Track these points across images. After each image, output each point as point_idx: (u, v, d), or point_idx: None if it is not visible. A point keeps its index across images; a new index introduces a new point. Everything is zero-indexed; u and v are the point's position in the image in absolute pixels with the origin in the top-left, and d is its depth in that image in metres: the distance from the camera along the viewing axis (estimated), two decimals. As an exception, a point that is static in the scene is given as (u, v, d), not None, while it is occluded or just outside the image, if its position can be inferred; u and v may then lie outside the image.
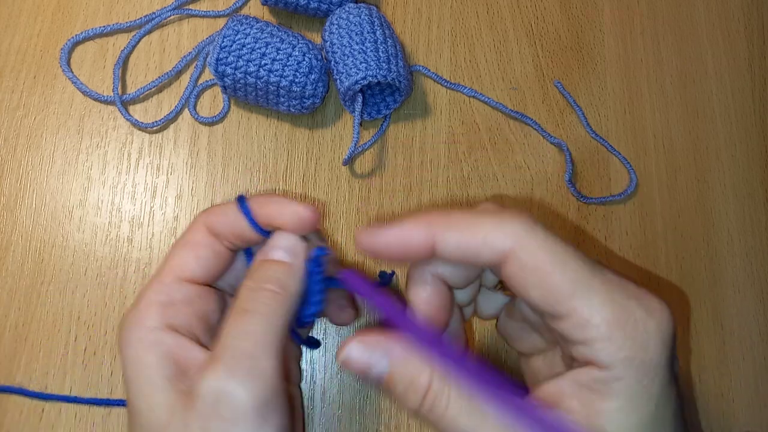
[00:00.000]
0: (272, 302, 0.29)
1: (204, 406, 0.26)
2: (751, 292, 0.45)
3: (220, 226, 0.31)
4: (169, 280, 0.30)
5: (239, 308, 0.29)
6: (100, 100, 0.46)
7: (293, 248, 0.31)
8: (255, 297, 0.29)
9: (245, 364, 0.26)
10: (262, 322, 0.28)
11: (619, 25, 0.51)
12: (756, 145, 0.48)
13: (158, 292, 0.30)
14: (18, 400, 0.40)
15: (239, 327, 0.28)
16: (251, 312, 0.28)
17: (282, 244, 0.31)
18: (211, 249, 0.31)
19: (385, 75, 0.42)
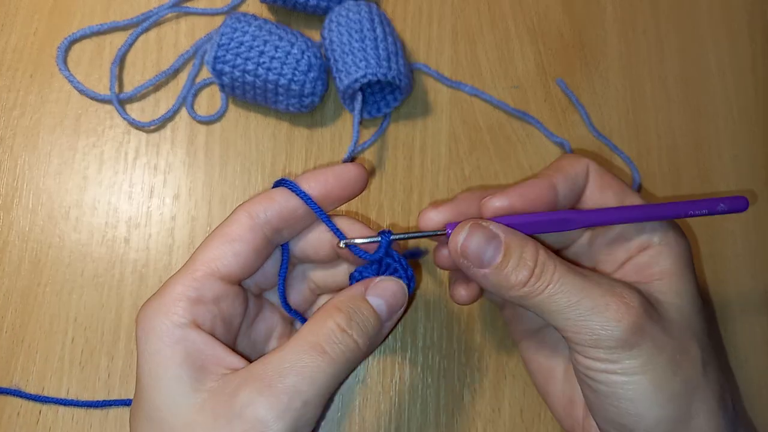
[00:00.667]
0: (351, 356, 0.28)
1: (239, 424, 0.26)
2: (754, 292, 0.45)
3: (269, 213, 0.30)
4: (200, 275, 0.29)
5: (315, 341, 0.27)
6: (97, 99, 0.45)
7: (394, 304, 0.31)
8: (340, 342, 0.28)
9: (296, 407, 0.26)
10: (332, 372, 0.27)
11: (621, 23, 0.50)
12: (759, 145, 0.48)
13: (188, 286, 0.28)
14: (15, 402, 0.39)
15: (307, 365, 0.27)
16: (328, 356, 0.27)
17: (390, 299, 0.30)
18: (252, 245, 0.30)
19: (385, 73, 0.41)
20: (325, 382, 0.27)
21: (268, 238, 0.31)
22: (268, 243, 0.31)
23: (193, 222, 0.44)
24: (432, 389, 0.41)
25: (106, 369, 0.40)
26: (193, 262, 0.29)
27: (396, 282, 0.31)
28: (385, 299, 0.30)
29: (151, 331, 0.28)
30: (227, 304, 0.30)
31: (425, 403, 0.41)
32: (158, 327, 0.28)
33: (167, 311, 0.28)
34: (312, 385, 0.27)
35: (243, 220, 0.30)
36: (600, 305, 0.29)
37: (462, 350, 0.42)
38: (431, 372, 0.41)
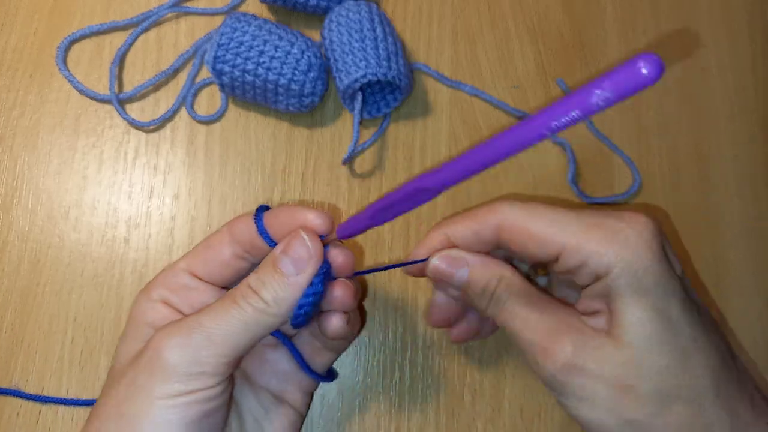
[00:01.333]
0: (263, 310, 0.30)
1: (142, 359, 0.29)
2: (754, 292, 0.45)
3: (240, 234, 0.33)
4: (177, 267, 0.34)
5: (231, 296, 0.31)
6: (97, 99, 0.45)
7: (301, 262, 0.31)
8: (249, 297, 0.30)
9: (198, 341, 0.29)
10: (242, 319, 0.30)
11: (621, 23, 0.50)
12: (760, 145, 0.48)
13: (167, 275, 0.34)
14: (15, 402, 0.39)
15: (217, 310, 0.30)
16: (237, 304, 0.30)
17: (294, 254, 0.31)
18: (219, 257, 0.34)
19: (385, 73, 0.41)
20: (234, 323, 0.29)
21: (238, 255, 0.34)
22: (238, 258, 0.34)
23: (193, 222, 0.44)
24: (432, 389, 0.41)
25: (105, 369, 0.40)
26: (181, 257, 0.35)
27: (299, 238, 0.31)
28: (290, 256, 0.31)
29: (133, 306, 0.34)
30: (197, 294, 0.33)
31: (425, 404, 0.41)
32: (139, 300, 0.34)
33: (148, 290, 0.34)
34: (218, 323, 0.29)
35: (224, 235, 0.34)
36: (532, 343, 0.30)
37: (462, 350, 0.42)
38: (431, 372, 0.41)
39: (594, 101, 0.20)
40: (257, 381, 0.35)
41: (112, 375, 0.32)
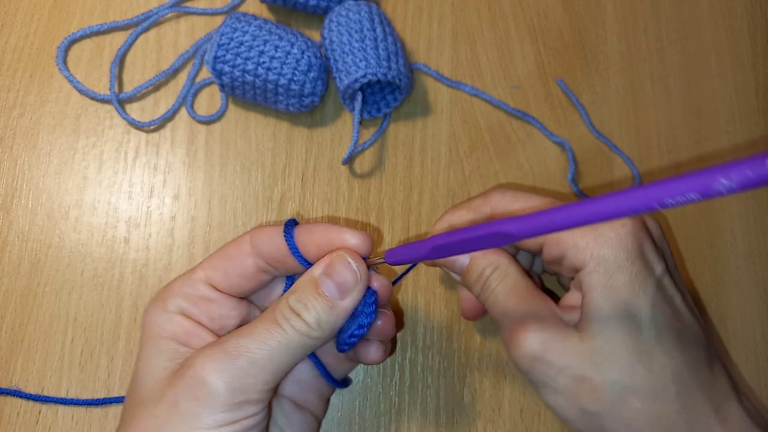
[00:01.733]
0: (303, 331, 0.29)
1: (183, 382, 0.28)
2: (754, 292, 0.45)
3: (265, 248, 0.32)
4: (195, 277, 0.32)
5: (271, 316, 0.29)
6: (97, 99, 0.45)
7: (347, 287, 0.30)
8: (290, 319, 0.29)
9: (241, 365, 0.28)
10: (284, 342, 0.29)
11: (622, 22, 0.50)
12: (760, 145, 0.48)
13: (183, 285, 0.32)
14: (15, 402, 0.39)
15: (261, 333, 0.29)
16: (278, 326, 0.29)
17: (339, 278, 0.30)
18: (241, 269, 0.32)
19: (385, 73, 0.41)
20: (276, 347, 0.28)
21: (261, 268, 0.33)
22: (260, 272, 0.33)
23: (193, 222, 0.44)
24: (432, 389, 0.41)
25: (105, 369, 0.40)
26: (197, 266, 0.33)
27: (344, 261, 0.30)
28: (334, 279, 0.30)
29: (147, 314, 0.32)
30: (217, 306, 0.32)
31: (425, 403, 0.41)
32: (154, 312, 0.31)
33: (161, 301, 0.32)
34: (262, 347, 0.28)
35: (243, 243, 0.32)
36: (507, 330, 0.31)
37: (462, 350, 0.42)
38: (431, 372, 0.41)
39: (716, 188, 0.20)
40: (280, 391, 0.35)
41: (140, 392, 0.30)
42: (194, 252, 0.43)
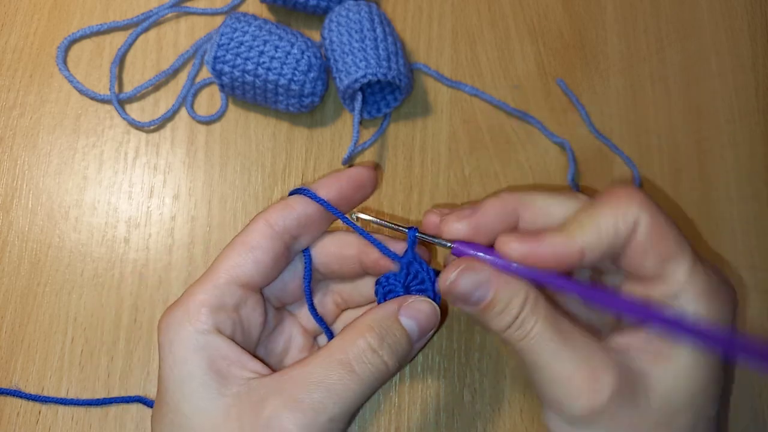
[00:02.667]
0: (380, 376, 0.28)
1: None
2: (754, 292, 0.45)
3: (287, 221, 0.31)
4: (222, 282, 0.30)
5: (346, 360, 0.28)
6: (97, 99, 0.45)
7: (426, 326, 0.30)
8: (370, 362, 0.28)
9: (321, 423, 0.26)
10: (359, 391, 0.27)
11: (622, 22, 0.50)
12: (760, 145, 0.48)
13: (210, 294, 0.29)
14: (15, 402, 0.39)
15: (335, 383, 0.27)
16: (357, 375, 0.27)
17: (423, 321, 0.30)
18: (271, 253, 0.30)
19: (385, 73, 0.41)
20: (352, 400, 0.27)
21: (287, 245, 0.31)
22: (287, 250, 0.32)
23: (193, 222, 0.44)
24: (432, 389, 0.41)
25: (105, 369, 0.40)
26: (215, 270, 0.30)
27: (429, 303, 0.31)
28: (418, 320, 0.30)
29: (175, 338, 0.28)
30: (247, 312, 0.31)
31: (425, 403, 0.41)
32: (182, 334, 0.28)
33: (190, 318, 0.28)
34: (338, 403, 0.27)
35: (262, 229, 0.30)
36: (563, 378, 0.28)
37: (462, 350, 0.42)
38: (431, 372, 0.41)
39: None
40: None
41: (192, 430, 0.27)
42: (194, 252, 0.43)
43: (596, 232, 0.29)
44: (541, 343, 0.28)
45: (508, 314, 0.29)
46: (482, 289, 0.29)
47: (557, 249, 0.29)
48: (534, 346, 0.28)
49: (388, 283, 0.32)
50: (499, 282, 0.29)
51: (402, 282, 0.32)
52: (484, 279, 0.29)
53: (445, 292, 0.30)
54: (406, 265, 0.32)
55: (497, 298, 0.29)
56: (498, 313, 0.29)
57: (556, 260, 0.29)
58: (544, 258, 0.29)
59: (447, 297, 0.30)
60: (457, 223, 0.30)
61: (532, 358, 0.28)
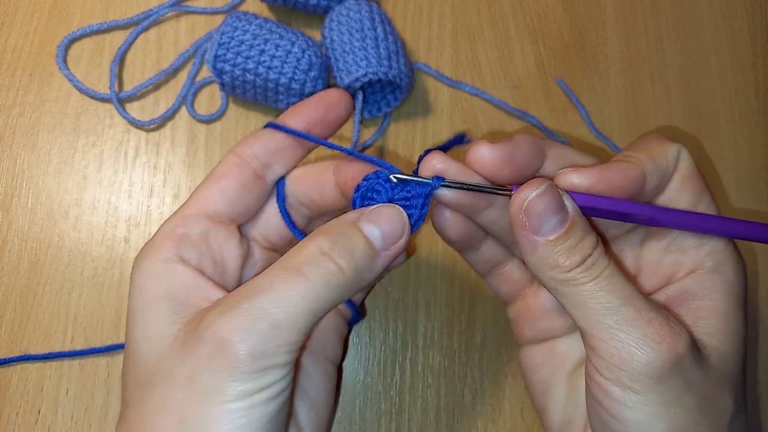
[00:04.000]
0: (334, 280, 0.25)
1: (202, 350, 0.24)
2: (755, 294, 0.45)
3: (254, 149, 0.30)
4: (189, 213, 0.29)
5: (293, 263, 0.25)
6: (97, 98, 0.45)
7: (393, 237, 0.27)
8: (319, 264, 0.25)
9: (262, 328, 0.24)
10: (308, 295, 0.25)
11: (622, 22, 0.50)
12: (760, 145, 0.48)
13: (176, 224, 0.29)
14: (14, 401, 0.39)
15: (279, 287, 0.25)
16: (303, 277, 0.25)
17: (385, 227, 0.27)
18: (238, 180, 0.30)
19: (385, 72, 0.41)
20: (300, 305, 0.25)
21: (257, 172, 0.31)
22: (258, 178, 0.31)
23: (193, 221, 0.43)
24: (432, 389, 0.41)
25: (105, 368, 0.40)
26: (185, 203, 0.30)
27: (395, 208, 0.28)
28: (380, 226, 0.27)
29: (137, 269, 0.28)
30: (218, 243, 0.29)
31: (425, 403, 0.41)
32: (144, 264, 0.28)
33: (154, 248, 0.28)
34: (283, 307, 0.25)
35: (230, 159, 0.30)
36: (643, 319, 0.25)
37: (462, 349, 0.42)
38: (432, 371, 0.41)
39: None
40: None
41: (144, 368, 0.26)
42: (194, 251, 0.43)
43: (650, 158, 0.29)
44: (614, 284, 0.26)
45: (581, 250, 0.26)
46: (561, 215, 0.26)
47: (624, 172, 0.28)
48: (606, 287, 0.26)
49: (369, 188, 0.28)
50: (577, 215, 0.27)
51: (386, 189, 0.28)
52: (563, 206, 0.26)
53: (519, 211, 0.26)
54: (413, 195, 0.28)
55: (573, 230, 0.26)
56: (570, 248, 0.26)
57: (624, 183, 0.28)
58: (612, 182, 0.27)
59: (517, 219, 0.27)
60: (486, 149, 0.28)
61: (599, 301, 0.26)
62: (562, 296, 0.27)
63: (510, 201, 0.27)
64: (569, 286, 0.26)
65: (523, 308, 0.35)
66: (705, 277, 0.29)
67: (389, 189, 0.28)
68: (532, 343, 0.34)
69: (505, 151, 0.28)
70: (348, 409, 0.40)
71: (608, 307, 0.26)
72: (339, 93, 0.32)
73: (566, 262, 0.26)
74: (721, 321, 0.28)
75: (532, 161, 0.29)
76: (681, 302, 0.29)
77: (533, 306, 0.34)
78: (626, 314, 0.26)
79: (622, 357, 0.25)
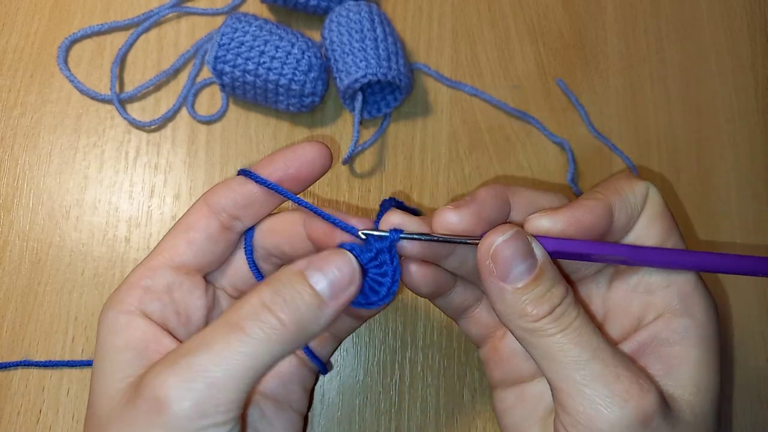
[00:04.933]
0: (275, 336, 0.24)
1: (141, 408, 0.24)
2: (753, 292, 0.45)
3: (224, 200, 0.29)
4: (155, 264, 0.29)
5: (233, 319, 0.25)
6: (98, 99, 0.46)
7: (342, 285, 0.26)
8: (260, 318, 0.24)
9: (199, 387, 0.24)
10: (248, 352, 0.24)
11: (621, 22, 0.50)
12: (759, 145, 0.48)
13: (141, 276, 0.28)
14: (15, 401, 0.39)
15: (218, 344, 0.24)
16: (244, 333, 0.24)
17: (333, 274, 0.26)
18: (205, 232, 0.29)
19: (385, 73, 0.41)
20: (240, 363, 0.24)
21: (225, 224, 0.30)
22: (225, 229, 0.30)
23: (194, 221, 0.44)
24: (432, 388, 0.41)
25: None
26: (153, 252, 0.29)
27: (343, 255, 0.26)
28: (328, 274, 0.26)
29: (102, 320, 0.28)
30: (181, 295, 0.29)
31: (425, 403, 0.41)
32: (108, 315, 0.28)
33: (119, 300, 0.28)
34: (221, 365, 0.24)
35: (198, 209, 0.30)
36: (611, 375, 0.25)
37: (462, 349, 0.42)
38: (431, 371, 0.41)
39: None
40: (257, 390, 0.31)
41: (95, 415, 0.26)
42: (195, 251, 0.43)
43: (618, 195, 0.28)
44: (583, 337, 0.25)
45: (549, 299, 0.26)
46: (530, 261, 0.26)
47: (593, 210, 0.27)
48: (573, 340, 0.25)
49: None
50: (545, 262, 0.26)
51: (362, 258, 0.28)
52: (531, 252, 0.26)
53: (486, 257, 0.26)
54: (377, 251, 0.28)
55: (545, 275, 0.26)
56: (539, 296, 0.26)
57: (593, 221, 0.27)
58: (582, 222, 0.27)
59: (485, 265, 0.26)
60: (453, 215, 0.27)
61: (566, 354, 0.25)
62: (530, 346, 0.26)
63: (477, 247, 0.27)
64: (537, 337, 0.26)
65: (492, 351, 0.34)
66: (675, 322, 0.28)
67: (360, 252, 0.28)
68: (502, 387, 0.33)
69: (472, 213, 0.27)
70: (348, 408, 0.41)
71: (576, 361, 0.25)
72: (317, 150, 0.30)
73: (534, 311, 0.26)
74: (693, 370, 0.27)
75: (499, 214, 0.28)
76: (652, 349, 0.28)
77: (502, 349, 0.33)
78: (594, 369, 0.25)
79: (588, 414, 0.25)
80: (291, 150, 0.30)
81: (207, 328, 0.25)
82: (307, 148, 0.29)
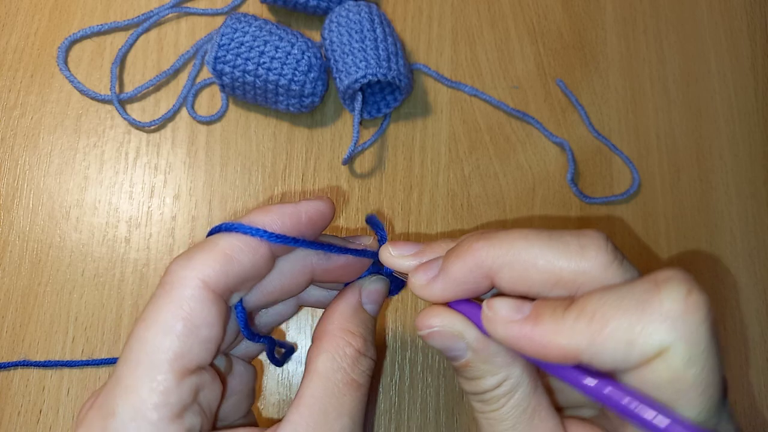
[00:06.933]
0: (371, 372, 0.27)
1: None
2: (753, 292, 0.45)
3: (230, 278, 0.25)
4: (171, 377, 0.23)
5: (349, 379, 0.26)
6: (98, 99, 0.46)
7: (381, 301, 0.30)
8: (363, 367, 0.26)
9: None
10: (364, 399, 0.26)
11: (621, 23, 0.50)
12: (759, 145, 0.48)
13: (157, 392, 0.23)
14: (15, 401, 0.39)
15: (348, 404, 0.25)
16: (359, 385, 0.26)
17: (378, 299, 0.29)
18: (218, 326, 0.24)
19: (385, 73, 0.41)
20: (362, 411, 0.26)
21: (228, 304, 0.26)
22: (229, 309, 0.26)
23: (194, 222, 0.44)
24: (432, 388, 0.41)
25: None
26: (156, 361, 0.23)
27: (383, 281, 0.30)
28: (377, 302, 0.30)
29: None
30: (206, 394, 0.25)
31: (425, 403, 0.41)
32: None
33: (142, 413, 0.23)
34: (356, 422, 0.25)
35: (201, 295, 0.24)
36: None
37: (462, 350, 0.42)
38: (431, 371, 0.41)
39: None
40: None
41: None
42: (195, 252, 0.43)
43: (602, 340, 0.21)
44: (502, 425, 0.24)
45: (480, 384, 0.25)
46: (459, 351, 0.25)
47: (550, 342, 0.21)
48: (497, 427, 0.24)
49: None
50: (478, 347, 0.24)
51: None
52: (461, 344, 0.25)
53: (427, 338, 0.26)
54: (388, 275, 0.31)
55: (473, 366, 0.25)
56: (468, 379, 0.25)
57: (545, 355, 0.22)
58: (531, 348, 0.22)
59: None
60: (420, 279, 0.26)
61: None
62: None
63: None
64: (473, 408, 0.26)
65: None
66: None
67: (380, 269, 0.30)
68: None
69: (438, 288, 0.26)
70: (348, 408, 0.41)
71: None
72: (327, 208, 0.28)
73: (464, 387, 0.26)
74: None
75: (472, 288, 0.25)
76: None
77: None
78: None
79: None
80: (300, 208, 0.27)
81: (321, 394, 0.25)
82: (318, 207, 0.27)
